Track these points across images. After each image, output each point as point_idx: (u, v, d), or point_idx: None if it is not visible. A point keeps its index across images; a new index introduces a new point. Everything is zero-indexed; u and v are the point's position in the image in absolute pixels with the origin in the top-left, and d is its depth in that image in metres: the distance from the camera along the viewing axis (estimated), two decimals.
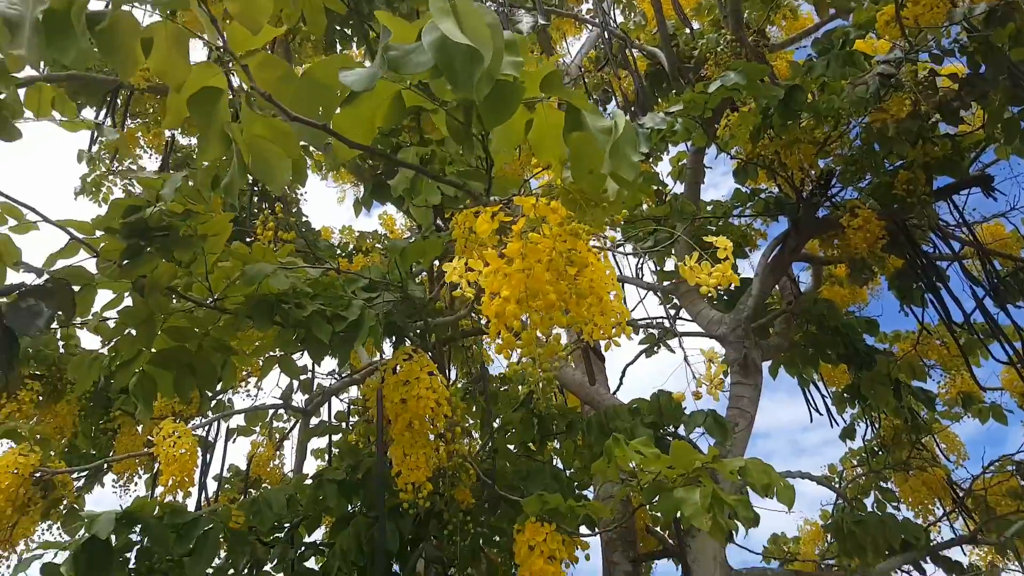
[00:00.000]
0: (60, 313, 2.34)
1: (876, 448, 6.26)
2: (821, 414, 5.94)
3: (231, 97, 1.72)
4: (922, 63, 4.33)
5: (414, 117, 4.32)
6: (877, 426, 6.32)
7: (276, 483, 5.17)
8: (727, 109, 5.08)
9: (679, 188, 5.56)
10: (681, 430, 3.81)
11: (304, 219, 5.48)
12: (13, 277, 2.45)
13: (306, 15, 2.59)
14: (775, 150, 4.90)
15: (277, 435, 5.12)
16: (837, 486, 6.07)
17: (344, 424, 4.76)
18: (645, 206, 5.03)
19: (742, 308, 4.74)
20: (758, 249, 5.70)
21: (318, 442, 5.29)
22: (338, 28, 4.71)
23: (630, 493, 3.61)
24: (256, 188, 4.96)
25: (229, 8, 1.57)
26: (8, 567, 3.77)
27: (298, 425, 4.69)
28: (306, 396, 4.56)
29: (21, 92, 2.30)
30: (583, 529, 3.13)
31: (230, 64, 1.59)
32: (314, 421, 4.63)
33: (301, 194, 5.54)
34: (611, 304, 1.91)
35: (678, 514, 2.50)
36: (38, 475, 3.72)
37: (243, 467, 5.12)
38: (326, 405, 4.75)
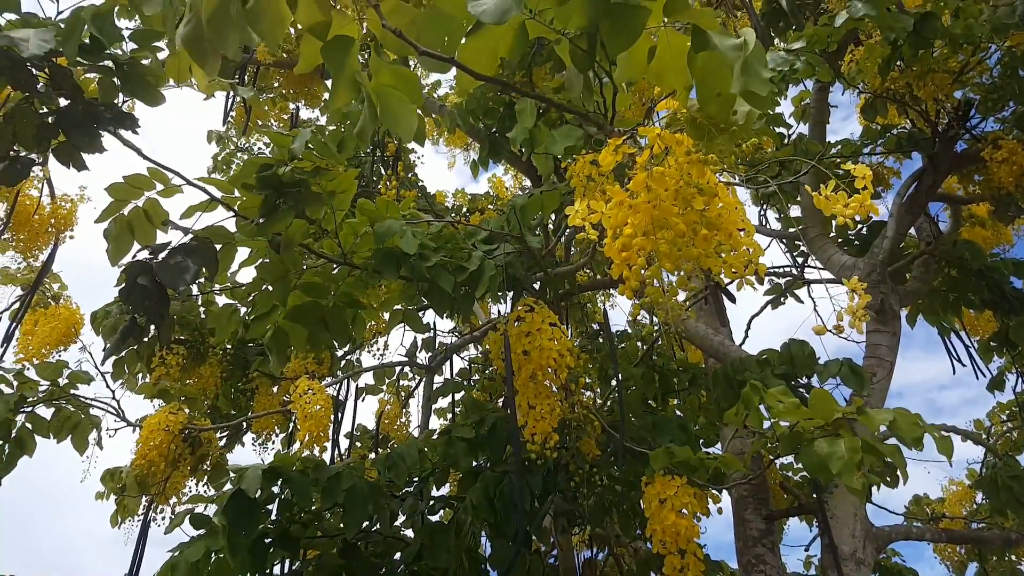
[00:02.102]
0: (205, 268, 2.48)
1: None
2: (964, 365, 5.54)
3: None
4: None
5: (526, 71, 4.29)
6: None
7: (403, 440, 5.35)
8: (850, 44, 4.76)
9: (802, 129, 5.28)
10: (815, 381, 3.63)
11: (420, 184, 5.59)
12: (160, 238, 2.63)
13: None
14: (906, 83, 4.56)
15: (403, 393, 5.29)
16: (987, 441, 5.67)
17: (467, 381, 4.85)
18: (768, 149, 4.81)
19: (876, 251, 4.46)
20: (892, 189, 5.34)
21: (441, 402, 5.42)
22: None
23: (760, 450, 3.50)
24: (374, 153, 5.10)
25: None
26: (164, 518, 4.10)
27: (423, 383, 4.82)
28: (429, 354, 4.68)
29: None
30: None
31: (362, 13, 1.63)
32: (438, 380, 4.75)
33: (417, 157, 5.65)
34: (742, 240, 1.83)
35: (823, 470, 2.34)
36: (186, 432, 4.01)
37: (371, 426, 5.33)
38: (448, 363, 4.86)
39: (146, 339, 3.38)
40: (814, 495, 3.97)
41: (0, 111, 2.58)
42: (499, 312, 4.52)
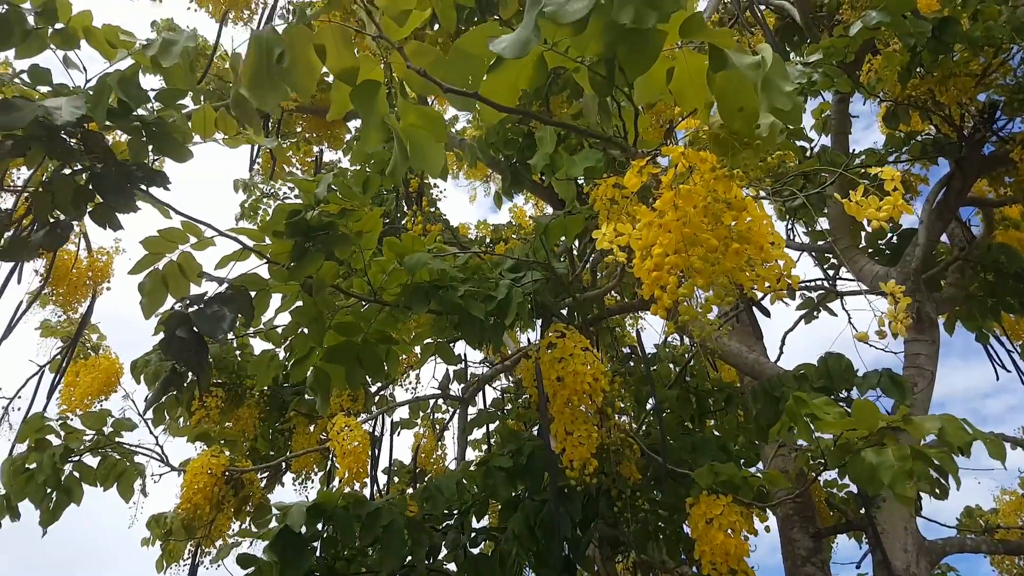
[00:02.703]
0: (241, 316, 2.53)
1: None
2: (1009, 371, 5.41)
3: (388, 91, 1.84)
4: None
5: (542, 101, 4.34)
6: None
7: (440, 473, 5.34)
8: (867, 53, 4.75)
9: (824, 142, 5.25)
10: (854, 393, 3.57)
11: (443, 217, 5.65)
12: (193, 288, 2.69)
13: (438, 11, 2.68)
14: (927, 88, 4.53)
15: (437, 426, 5.30)
16: None
17: (500, 411, 4.85)
18: (791, 163, 4.78)
19: (909, 259, 4.40)
20: (920, 196, 5.28)
21: (476, 433, 5.41)
22: (463, 28, 4.82)
23: (803, 466, 3.44)
24: (398, 191, 5.17)
25: (378, 2, 1.66)
26: (211, 561, 4.12)
27: (457, 414, 4.83)
28: (462, 385, 4.68)
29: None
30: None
31: (387, 56, 1.69)
32: (472, 411, 4.75)
33: (440, 192, 5.72)
34: (773, 252, 1.82)
35: (873, 481, 2.29)
36: (228, 474, 4.05)
37: (407, 461, 5.33)
38: (481, 394, 4.86)
39: (185, 384, 3.44)
40: (862, 510, 3.88)
41: (33, 178, 2.68)
42: (529, 340, 4.52)
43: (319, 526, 3.44)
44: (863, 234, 4.98)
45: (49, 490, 3.46)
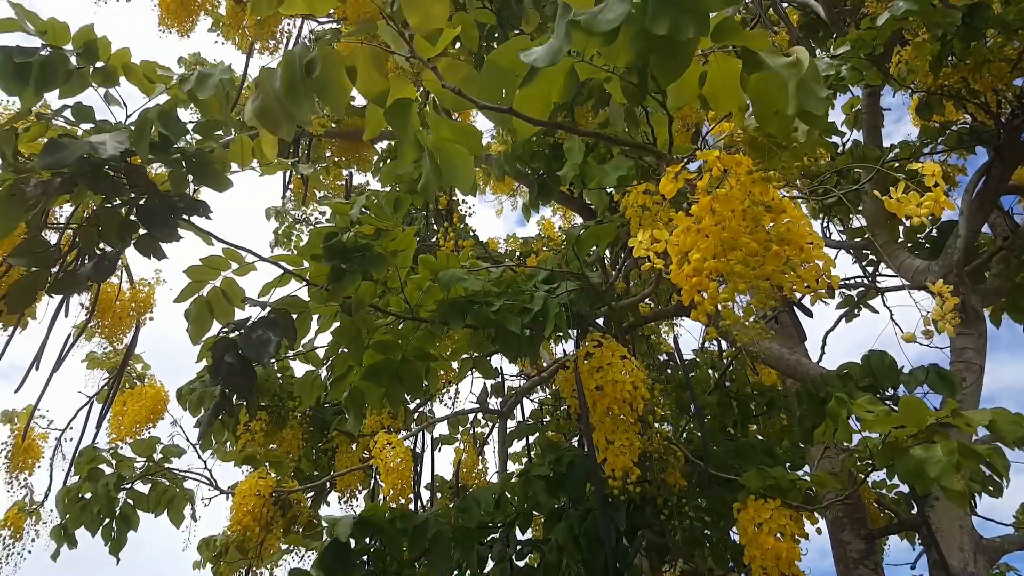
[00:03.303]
0: (285, 338, 2.57)
1: None
2: None
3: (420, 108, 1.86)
4: None
5: (568, 113, 4.35)
6: None
7: (483, 487, 5.35)
8: (896, 45, 4.68)
9: (856, 136, 5.18)
10: (901, 391, 3.50)
11: (473, 232, 5.68)
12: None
13: (460, 31, 2.72)
14: (960, 77, 4.45)
15: (478, 440, 5.30)
16: None
17: (539, 422, 4.84)
18: (822, 160, 4.73)
19: (951, 252, 4.31)
20: (959, 187, 5.18)
21: (516, 446, 5.40)
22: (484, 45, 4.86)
23: (852, 468, 3.38)
24: (427, 209, 5.21)
25: (409, 21, 1.69)
26: None
27: (496, 428, 4.83)
28: (500, 399, 4.68)
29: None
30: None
31: (419, 74, 1.71)
32: (511, 424, 4.74)
33: (469, 207, 5.76)
34: (813, 252, 1.81)
35: (921, 477, 2.26)
36: (276, 495, 4.10)
37: (448, 477, 5.34)
38: (519, 407, 4.86)
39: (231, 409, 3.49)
40: (911, 509, 3.80)
41: (75, 214, 2.75)
42: (564, 352, 4.51)
43: (367, 540, 3.48)
44: (901, 228, 4.90)
45: (104, 518, 3.54)
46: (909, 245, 4.98)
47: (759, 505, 2.81)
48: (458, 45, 5.03)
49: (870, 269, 5.27)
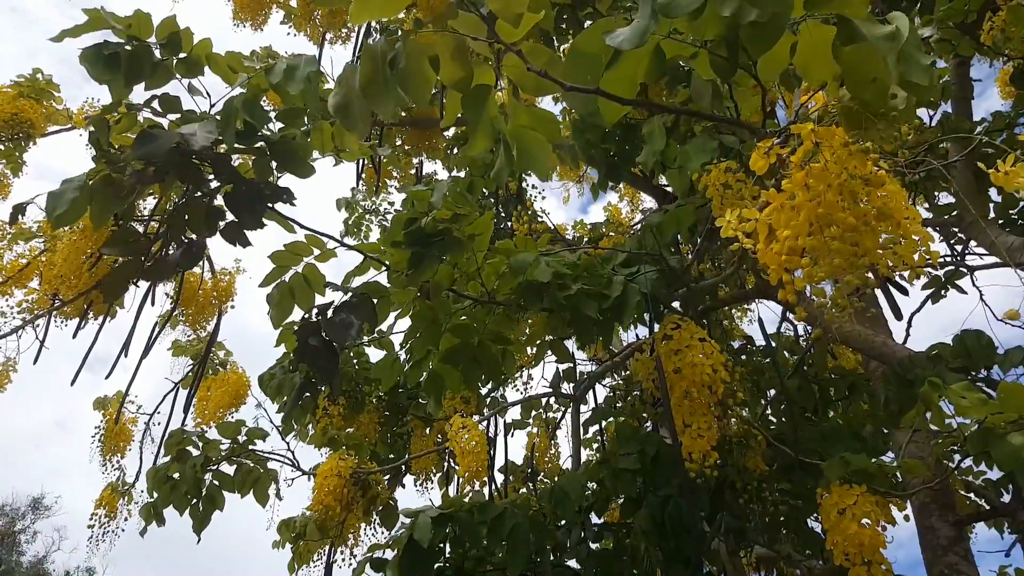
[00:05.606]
0: (366, 322, 2.61)
1: None
2: None
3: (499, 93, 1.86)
4: None
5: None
6: None
7: (554, 472, 5.36)
8: (987, 12, 4.44)
9: (945, 109, 4.93)
10: (995, 372, 3.34)
11: (546, 214, 5.67)
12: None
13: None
14: None
15: (550, 425, 5.31)
16: None
17: (613, 406, 4.81)
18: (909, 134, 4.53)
19: None
20: None
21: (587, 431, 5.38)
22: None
23: (944, 451, 3.24)
24: (497, 194, 5.22)
25: (490, 7, 1.68)
26: (343, 559, 4.27)
27: (568, 413, 4.83)
28: (572, 384, 4.67)
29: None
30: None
31: (501, 59, 1.71)
32: (584, 409, 4.73)
33: (538, 192, 5.75)
34: (911, 227, 1.73)
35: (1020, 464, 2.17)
36: (355, 476, 4.19)
37: (519, 462, 5.37)
38: (591, 392, 4.84)
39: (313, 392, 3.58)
40: (1000, 496, 3.63)
41: (159, 204, 2.85)
42: (636, 336, 4.46)
43: (444, 530, 3.52)
44: (991, 205, 4.66)
45: (191, 497, 3.68)
46: (1000, 221, 4.73)
47: (843, 490, 2.74)
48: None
49: (958, 248, 5.03)
